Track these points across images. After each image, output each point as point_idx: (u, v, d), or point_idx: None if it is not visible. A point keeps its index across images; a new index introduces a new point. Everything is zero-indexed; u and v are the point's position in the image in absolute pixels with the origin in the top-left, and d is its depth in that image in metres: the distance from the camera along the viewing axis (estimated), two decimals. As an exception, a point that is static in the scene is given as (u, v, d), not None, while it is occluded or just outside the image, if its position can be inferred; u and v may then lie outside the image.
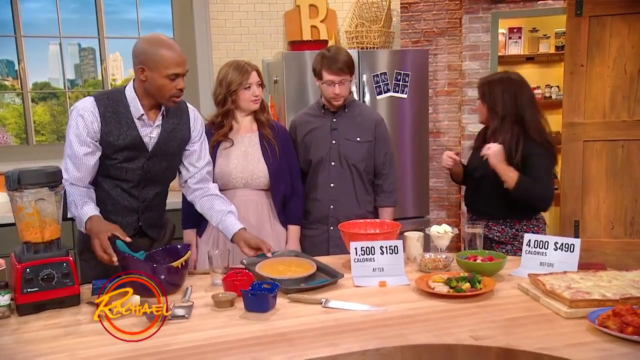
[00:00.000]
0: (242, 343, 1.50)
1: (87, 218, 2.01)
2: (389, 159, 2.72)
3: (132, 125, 2.14)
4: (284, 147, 2.59)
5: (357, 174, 2.68)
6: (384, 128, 2.74)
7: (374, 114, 2.78)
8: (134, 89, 2.13)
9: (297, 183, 2.66)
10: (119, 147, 2.12)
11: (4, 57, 4.03)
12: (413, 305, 1.75)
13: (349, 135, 2.66)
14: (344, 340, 1.49)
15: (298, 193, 2.65)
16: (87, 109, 2.08)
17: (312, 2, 4.07)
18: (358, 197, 2.69)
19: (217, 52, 4.02)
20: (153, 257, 2.01)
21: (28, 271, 1.72)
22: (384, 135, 2.71)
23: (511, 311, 1.67)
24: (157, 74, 2.05)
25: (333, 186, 2.67)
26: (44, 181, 1.78)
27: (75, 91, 4.21)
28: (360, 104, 2.79)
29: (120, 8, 4.22)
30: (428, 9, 4.73)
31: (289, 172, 2.61)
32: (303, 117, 2.76)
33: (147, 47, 2.07)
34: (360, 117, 2.69)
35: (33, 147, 3.83)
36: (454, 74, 4.79)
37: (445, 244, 2.21)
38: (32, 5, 3.90)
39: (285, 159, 2.59)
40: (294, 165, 2.65)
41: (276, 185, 2.56)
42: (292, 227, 2.64)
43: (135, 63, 2.09)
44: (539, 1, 4.55)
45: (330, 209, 2.68)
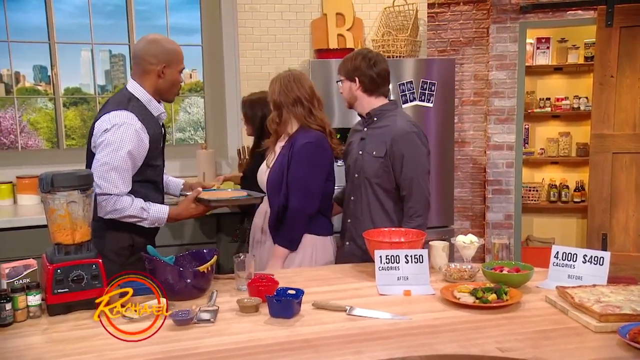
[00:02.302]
0: (267, 348, 1.51)
1: (166, 211, 2.26)
2: (408, 179, 2.40)
3: (158, 125, 2.28)
4: (290, 162, 2.46)
5: (371, 191, 2.48)
6: (404, 144, 2.39)
7: (395, 128, 2.43)
8: (145, 90, 2.25)
9: (292, 201, 2.44)
10: (160, 151, 2.29)
11: (38, 63, 4.13)
12: (438, 315, 1.74)
13: (369, 147, 2.48)
14: (369, 349, 1.49)
15: (289, 213, 2.45)
16: (138, 125, 2.17)
17: (339, 10, 4.09)
18: (373, 216, 2.48)
19: (244, 60, 4.06)
20: (180, 261, 2.03)
21: (59, 272, 1.75)
22: (399, 154, 2.39)
23: (539, 323, 1.65)
24: (174, 70, 2.26)
25: (353, 199, 2.56)
26: (76, 184, 1.81)
27: (105, 96, 4.29)
28: (392, 116, 2.48)
29: (152, 14, 4.29)
30: (455, 18, 4.72)
31: (285, 187, 2.46)
32: (353, 127, 2.71)
33: (166, 45, 2.25)
34: (382, 130, 2.46)
35: (63, 151, 3.91)
36: (480, 84, 4.77)
37: (471, 254, 2.19)
38: (65, 11, 3.99)
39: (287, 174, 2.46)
40: (293, 182, 2.44)
41: (271, 199, 2.52)
42: (275, 247, 2.49)
43: (153, 63, 2.22)
44: (568, 11, 4.51)
45: (347, 222, 2.60)
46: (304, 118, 2.48)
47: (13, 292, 1.69)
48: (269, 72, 3.89)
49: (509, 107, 4.67)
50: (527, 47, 4.80)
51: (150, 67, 2.23)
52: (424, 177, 2.43)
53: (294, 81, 2.49)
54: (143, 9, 4.12)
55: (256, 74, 4.06)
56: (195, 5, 4.11)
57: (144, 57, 2.24)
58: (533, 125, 5.25)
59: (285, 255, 2.47)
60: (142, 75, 2.25)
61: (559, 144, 5.15)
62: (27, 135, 4.46)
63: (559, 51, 4.99)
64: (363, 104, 2.51)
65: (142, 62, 2.24)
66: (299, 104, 2.47)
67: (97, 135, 2.17)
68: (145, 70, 2.24)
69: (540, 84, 5.23)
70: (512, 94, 4.64)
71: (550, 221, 5.28)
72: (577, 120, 5.12)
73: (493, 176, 4.74)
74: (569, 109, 5.04)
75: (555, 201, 5.15)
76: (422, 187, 2.42)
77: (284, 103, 2.49)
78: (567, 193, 5.15)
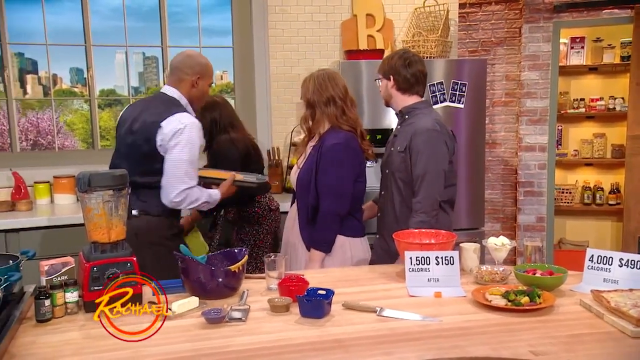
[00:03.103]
0: (298, 348, 1.52)
1: (218, 194, 2.60)
2: (420, 175, 2.40)
3: None
4: (319, 163, 2.48)
5: (395, 185, 2.50)
6: (422, 140, 2.40)
7: (418, 125, 2.44)
8: (182, 96, 2.53)
9: (323, 203, 2.46)
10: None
11: (74, 65, 4.23)
12: (469, 318, 1.72)
13: (397, 143, 2.52)
14: (399, 350, 1.49)
15: (320, 215, 2.47)
16: (199, 124, 2.48)
17: (369, 11, 4.09)
18: (396, 210, 2.51)
19: (274, 61, 4.09)
20: (211, 260, 2.06)
21: (95, 270, 1.79)
22: (417, 148, 2.40)
23: (573, 327, 1.62)
24: (205, 82, 2.57)
25: (382, 194, 2.62)
26: (111, 184, 1.86)
27: (138, 98, 4.37)
28: (421, 114, 2.49)
29: (185, 16, 4.36)
30: (486, 18, 4.66)
31: (314, 188, 2.47)
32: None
33: (200, 59, 2.56)
34: (409, 127, 2.47)
35: (98, 152, 4.00)
36: (511, 84, 4.70)
37: (503, 256, 2.17)
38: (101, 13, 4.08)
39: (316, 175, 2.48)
40: (323, 184, 2.45)
41: (300, 199, 2.55)
42: (310, 251, 2.50)
43: (189, 74, 2.51)
44: (603, 10, 4.41)
45: (378, 217, 2.67)
46: (335, 118, 2.49)
47: (52, 289, 1.74)
48: (299, 74, 3.91)
49: (542, 108, 4.59)
50: (561, 47, 4.71)
51: (186, 77, 2.51)
52: (436, 176, 2.40)
53: (328, 80, 2.50)
54: (176, 10, 4.19)
55: (286, 75, 4.09)
56: (227, 7, 4.16)
57: (181, 68, 2.52)
58: (566, 126, 5.15)
59: (322, 259, 2.47)
60: (178, 84, 2.53)
61: (593, 145, 5.04)
62: (64, 136, 4.58)
63: (594, 51, 4.89)
64: (397, 101, 2.56)
65: (179, 72, 2.52)
66: (332, 103, 2.49)
67: (169, 136, 2.38)
68: (180, 79, 2.52)
69: (574, 84, 5.13)
70: (544, 94, 4.57)
71: (583, 224, 5.17)
72: (612, 121, 5.00)
73: (525, 178, 4.67)
74: (604, 110, 4.93)
75: (590, 203, 5.05)
76: (432, 186, 2.40)
77: (317, 102, 2.50)
78: (601, 195, 5.03)
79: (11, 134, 3.93)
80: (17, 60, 4.20)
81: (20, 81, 4.36)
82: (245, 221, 3.21)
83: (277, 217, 3.31)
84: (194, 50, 2.65)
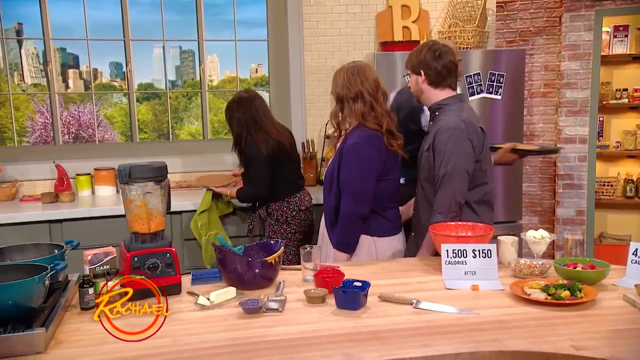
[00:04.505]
0: (334, 338, 1.53)
1: None
2: (441, 175, 2.31)
3: None
4: (340, 162, 2.45)
5: (421, 184, 2.47)
6: (444, 139, 2.30)
7: (442, 123, 2.35)
8: None
9: (343, 204, 2.43)
10: None
11: (114, 60, 4.32)
12: (508, 311, 1.70)
13: (425, 141, 2.47)
14: (436, 342, 1.48)
15: (340, 216, 2.44)
16: None
17: (405, 2, 4.05)
18: (420, 208, 2.48)
19: (309, 54, 4.09)
20: (248, 251, 2.08)
21: (136, 259, 1.84)
22: (438, 148, 2.31)
23: (616, 322, 1.59)
24: None
25: (416, 192, 2.57)
26: (151, 175, 1.90)
27: (175, 91, 4.43)
28: (450, 110, 2.39)
29: (221, 9, 4.40)
30: (525, 7, 4.56)
31: (337, 187, 2.45)
32: None
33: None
34: (437, 124, 2.38)
35: (137, 144, 4.08)
36: (551, 75, 4.59)
37: (542, 249, 2.13)
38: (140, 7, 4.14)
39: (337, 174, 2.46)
40: (343, 184, 2.42)
41: (324, 197, 2.55)
42: (334, 252, 2.48)
43: None
44: (648, -3, 4.28)
45: (412, 214, 2.63)
46: (362, 116, 2.42)
47: (95, 278, 1.79)
48: (333, 66, 3.87)
49: (582, 99, 4.48)
50: (603, 36, 4.58)
51: None
52: (458, 176, 2.30)
53: (357, 74, 2.43)
54: (212, 2, 4.23)
55: (320, 68, 4.09)
56: (262, 0, 4.17)
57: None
58: (608, 118, 5.01)
59: (345, 260, 2.44)
60: None
61: (636, 136, 4.89)
62: (104, 129, 4.69)
63: (638, 39, 4.74)
64: (430, 97, 2.45)
65: None
66: (360, 99, 2.42)
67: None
68: None
69: (617, 74, 4.98)
70: (585, 84, 4.45)
71: (626, 217, 5.04)
72: (656, 112, 4.86)
73: (564, 170, 4.57)
74: (647, 101, 4.79)
75: (632, 197, 4.91)
76: (453, 186, 2.30)
77: (345, 97, 2.44)
78: (644, 188, 4.89)
79: (54, 128, 4.04)
80: (60, 55, 4.30)
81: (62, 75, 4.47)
82: (273, 219, 3.24)
83: (307, 217, 3.30)
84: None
